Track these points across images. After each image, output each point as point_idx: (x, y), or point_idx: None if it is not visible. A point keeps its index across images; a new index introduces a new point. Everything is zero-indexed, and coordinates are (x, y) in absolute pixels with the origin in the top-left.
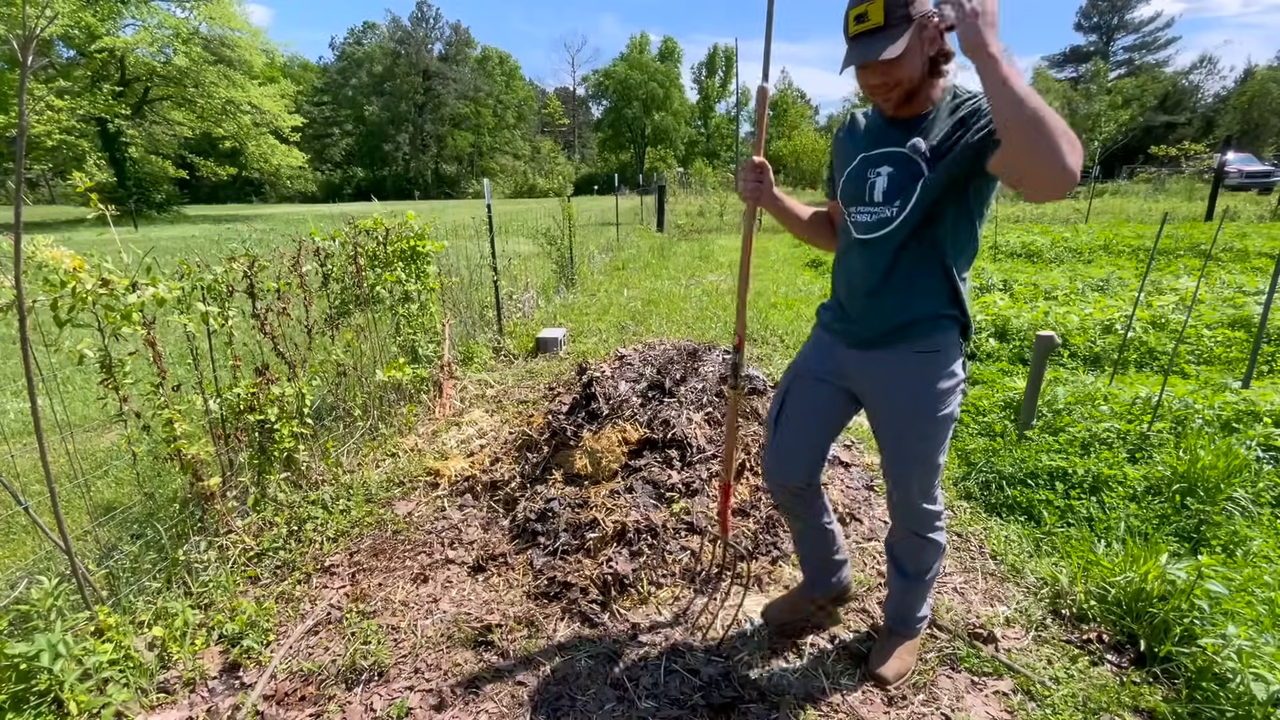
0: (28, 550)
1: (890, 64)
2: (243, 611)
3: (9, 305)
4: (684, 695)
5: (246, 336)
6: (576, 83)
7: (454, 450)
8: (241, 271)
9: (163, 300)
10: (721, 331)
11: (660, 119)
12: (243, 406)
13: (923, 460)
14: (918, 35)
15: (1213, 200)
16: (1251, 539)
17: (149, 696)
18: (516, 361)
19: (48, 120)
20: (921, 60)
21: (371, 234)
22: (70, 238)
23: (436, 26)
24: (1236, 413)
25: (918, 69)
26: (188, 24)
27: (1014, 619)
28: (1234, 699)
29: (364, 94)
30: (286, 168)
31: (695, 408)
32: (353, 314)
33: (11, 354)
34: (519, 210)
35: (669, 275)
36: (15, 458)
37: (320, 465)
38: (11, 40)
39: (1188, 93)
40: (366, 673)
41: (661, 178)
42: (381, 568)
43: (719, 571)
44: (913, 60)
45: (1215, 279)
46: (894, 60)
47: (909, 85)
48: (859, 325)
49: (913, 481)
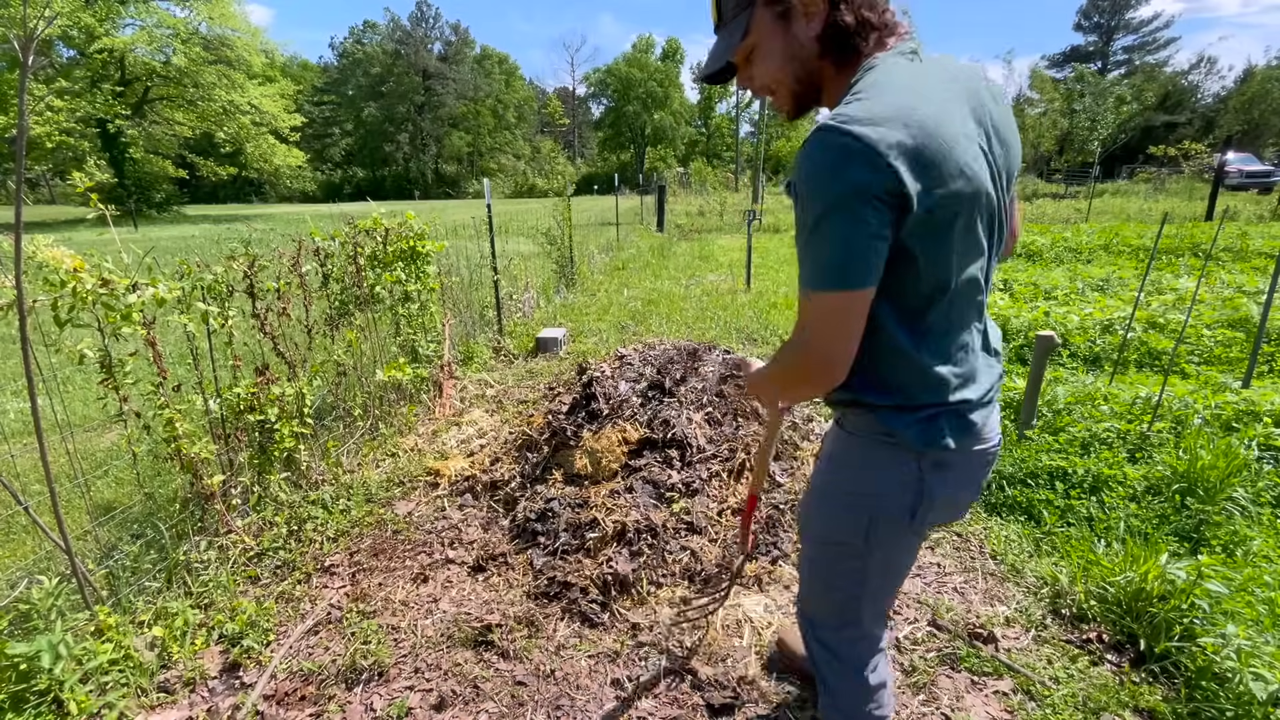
0: (28, 550)
1: (745, 63)
2: (243, 611)
3: (9, 305)
4: (683, 695)
5: (246, 336)
6: (576, 82)
7: (454, 450)
8: (241, 271)
9: (163, 300)
10: (721, 331)
11: (660, 118)
12: (243, 406)
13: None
14: (773, 19)
15: (1213, 200)
16: (1251, 539)
17: (149, 696)
18: (516, 361)
19: (48, 120)
20: (788, 46)
21: (371, 234)
22: (70, 238)
23: (436, 26)
24: (1236, 412)
25: (783, 59)
26: (187, 24)
27: (1014, 619)
28: (1233, 698)
29: (364, 94)
30: (286, 168)
31: (695, 407)
32: (353, 314)
33: (11, 354)
34: (519, 210)
35: (669, 275)
36: (15, 458)
37: (320, 465)
38: (12, 40)
39: (1187, 92)
40: (366, 673)
41: (661, 177)
42: (381, 568)
43: (719, 572)
44: (770, 48)
45: (1215, 279)
46: (745, 57)
47: (789, 84)
48: None
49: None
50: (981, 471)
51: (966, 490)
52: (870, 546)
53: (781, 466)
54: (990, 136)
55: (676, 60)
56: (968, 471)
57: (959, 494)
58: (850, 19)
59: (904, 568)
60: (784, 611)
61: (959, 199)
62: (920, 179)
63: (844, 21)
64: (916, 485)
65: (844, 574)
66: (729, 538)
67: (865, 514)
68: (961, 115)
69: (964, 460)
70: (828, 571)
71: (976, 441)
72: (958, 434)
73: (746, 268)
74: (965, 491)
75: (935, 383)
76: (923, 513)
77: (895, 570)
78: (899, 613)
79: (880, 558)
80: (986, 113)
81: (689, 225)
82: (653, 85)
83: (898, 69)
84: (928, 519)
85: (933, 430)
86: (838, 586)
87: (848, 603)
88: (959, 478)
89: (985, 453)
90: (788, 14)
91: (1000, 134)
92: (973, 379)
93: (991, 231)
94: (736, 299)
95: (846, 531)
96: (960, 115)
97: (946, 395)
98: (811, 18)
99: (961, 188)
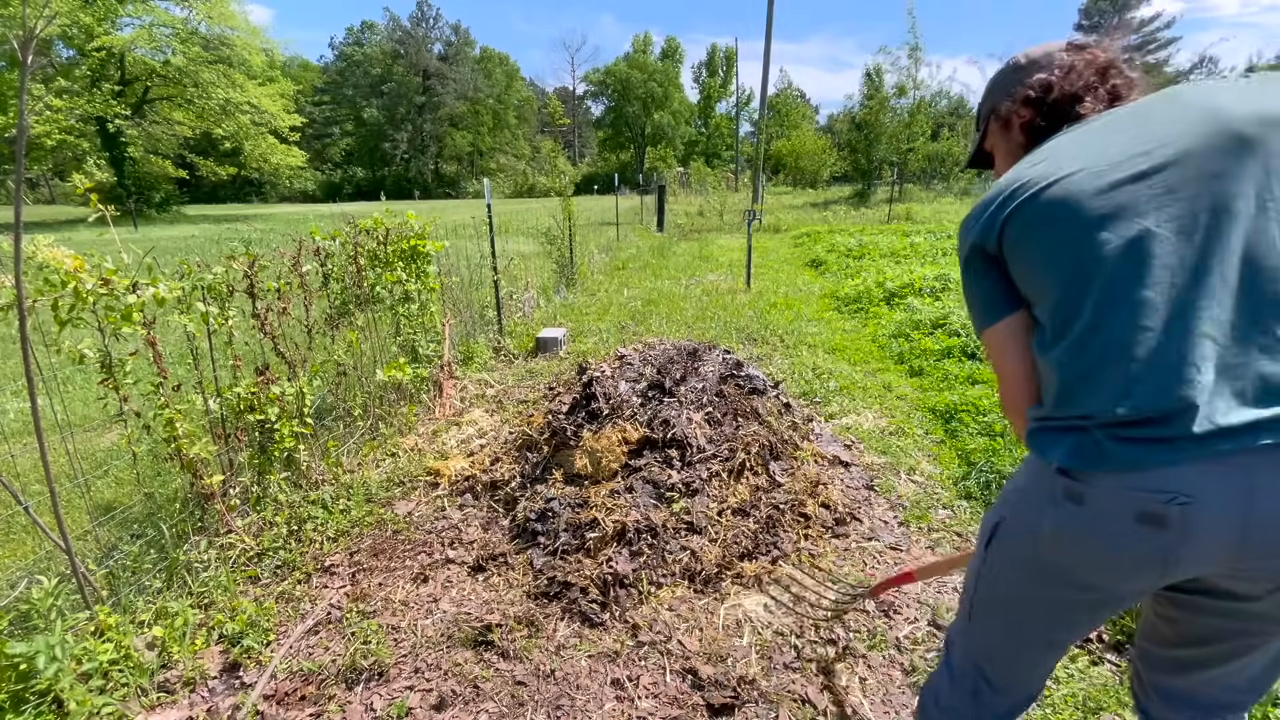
0: (28, 550)
1: (990, 154)
2: (243, 611)
3: (9, 305)
4: (683, 695)
5: (247, 336)
6: (576, 82)
7: (454, 450)
8: (241, 271)
9: (163, 300)
10: (721, 331)
11: (660, 118)
12: (243, 406)
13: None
14: (1000, 128)
15: None
16: None
17: (149, 696)
18: (516, 361)
19: (47, 120)
20: (1007, 144)
21: (372, 234)
22: (70, 238)
23: (436, 26)
24: None
25: (1006, 155)
26: (186, 23)
27: None
28: None
29: (364, 94)
30: (286, 167)
31: (695, 407)
32: (353, 314)
33: (11, 354)
34: (519, 210)
35: (669, 275)
36: (15, 458)
37: (320, 465)
38: (11, 40)
39: None
40: (366, 672)
41: (661, 177)
42: (381, 567)
43: (719, 572)
44: (999, 146)
45: None
46: (988, 150)
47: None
48: None
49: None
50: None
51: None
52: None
53: (781, 466)
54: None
55: (676, 59)
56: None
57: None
58: (1043, 122)
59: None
60: (784, 612)
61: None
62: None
63: (1039, 125)
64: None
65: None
66: (729, 538)
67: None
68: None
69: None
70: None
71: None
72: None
73: (746, 267)
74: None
75: None
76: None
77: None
78: (899, 613)
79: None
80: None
81: (689, 225)
82: (653, 85)
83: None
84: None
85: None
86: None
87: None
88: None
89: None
90: (1008, 124)
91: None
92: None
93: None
94: (736, 299)
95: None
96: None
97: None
98: (1019, 124)
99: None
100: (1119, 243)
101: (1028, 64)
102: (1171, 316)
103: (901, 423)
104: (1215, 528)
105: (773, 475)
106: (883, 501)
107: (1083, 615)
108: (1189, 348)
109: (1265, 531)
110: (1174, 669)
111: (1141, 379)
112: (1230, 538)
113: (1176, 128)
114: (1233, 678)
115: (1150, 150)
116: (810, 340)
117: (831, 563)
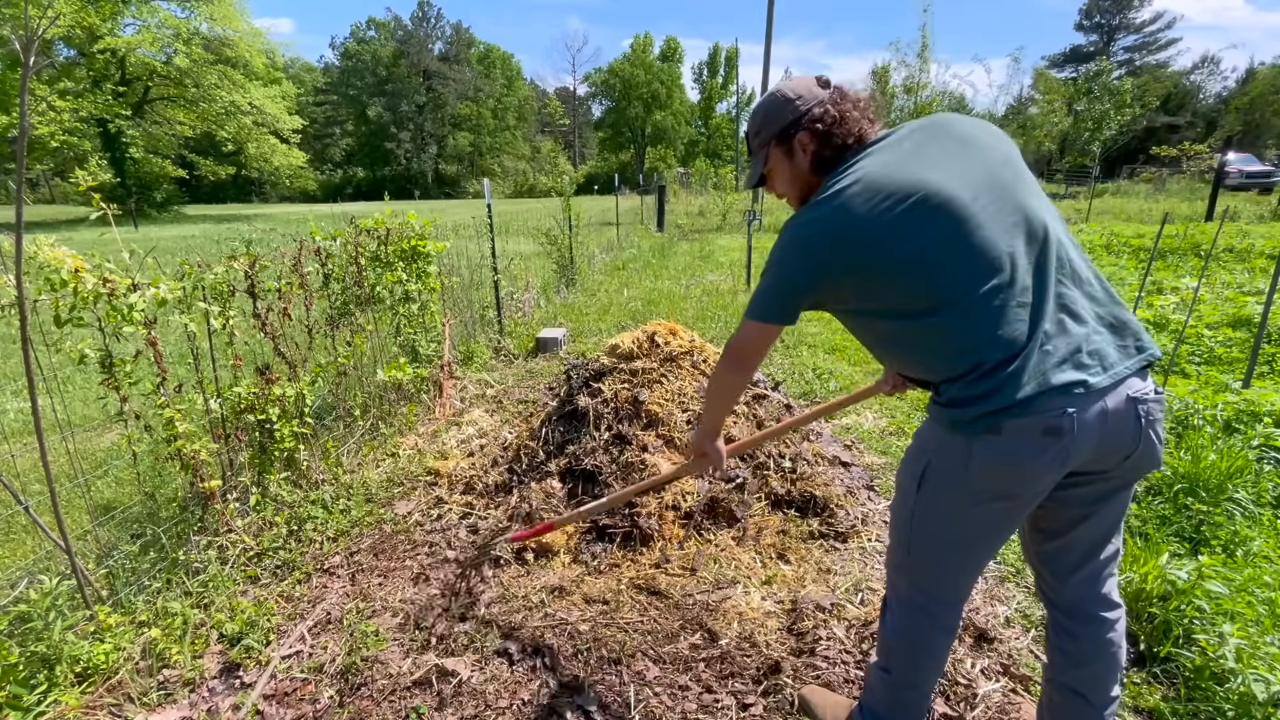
0: (28, 550)
1: (770, 178)
2: (243, 611)
3: (10, 305)
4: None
5: (247, 336)
6: (577, 82)
7: (454, 450)
8: (242, 271)
9: (164, 300)
10: (721, 331)
11: (661, 118)
12: (243, 406)
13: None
14: (782, 155)
15: (1213, 200)
16: (1252, 539)
17: (149, 696)
18: (517, 361)
19: (50, 120)
20: (793, 171)
21: (372, 234)
22: (71, 237)
23: (437, 26)
24: (1237, 413)
25: (790, 181)
26: (188, 24)
27: (1014, 619)
28: (1233, 699)
29: (365, 94)
30: (287, 168)
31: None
32: (354, 314)
33: (12, 354)
34: (519, 210)
35: (669, 275)
36: (15, 457)
37: (320, 465)
38: (14, 41)
39: (1189, 93)
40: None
41: (662, 177)
42: (381, 568)
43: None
44: (781, 177)
45: (1215, 279)
46: (769, 182)
47: (795, 196)
48: None
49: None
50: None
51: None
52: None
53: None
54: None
55: (676, 60)
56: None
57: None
58: (829, 152)
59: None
60: (776, 600)
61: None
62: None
63: (824, 155)
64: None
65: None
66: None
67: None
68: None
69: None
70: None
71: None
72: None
73: (747, 268)
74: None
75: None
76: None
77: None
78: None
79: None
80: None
81: (689, 225)
82: (655, 85)
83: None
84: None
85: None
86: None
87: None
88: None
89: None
90: (790, 151)
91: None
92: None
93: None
94: (737, 299)
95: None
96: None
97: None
98: (805, 151)
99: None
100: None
101: (795, 98)
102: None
103: (901, 423)
104: (1090, 428)
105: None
106: (883, 501)
107: (1013, 521)
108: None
109: (1116, 425)
110: (1062, 550)
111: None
112: (1097, 432)
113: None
114: (1099, 530)
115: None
116: (810, 340)
117: (832, 562)
